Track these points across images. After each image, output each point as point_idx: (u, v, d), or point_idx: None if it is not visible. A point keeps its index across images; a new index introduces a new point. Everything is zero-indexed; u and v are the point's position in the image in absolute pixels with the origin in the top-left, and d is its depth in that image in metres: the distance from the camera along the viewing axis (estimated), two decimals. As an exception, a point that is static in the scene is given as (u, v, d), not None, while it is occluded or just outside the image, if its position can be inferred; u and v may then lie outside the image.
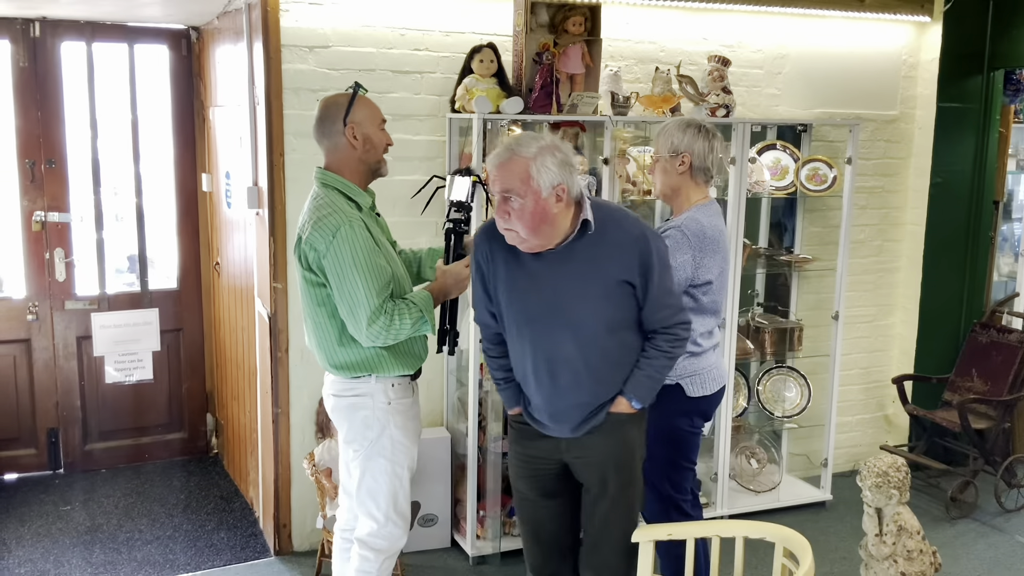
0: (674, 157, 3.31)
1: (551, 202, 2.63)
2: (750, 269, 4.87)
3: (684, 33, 4.65)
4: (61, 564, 4.12)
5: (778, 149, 4.77)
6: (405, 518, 3.16)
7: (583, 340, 2.77)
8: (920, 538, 3.21)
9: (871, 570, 3.28)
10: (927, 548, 3.23)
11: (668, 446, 3.36)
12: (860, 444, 5.45)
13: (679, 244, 3.23)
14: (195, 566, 4.15)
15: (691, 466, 3.43)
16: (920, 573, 3.16)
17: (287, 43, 3.94)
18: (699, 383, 3.32)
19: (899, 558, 3.18)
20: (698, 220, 3.29)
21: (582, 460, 2.91)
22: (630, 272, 2.74)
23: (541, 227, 2.65)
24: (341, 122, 2.90)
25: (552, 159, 2.62)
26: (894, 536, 3.15)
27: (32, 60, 4.79)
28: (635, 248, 2.74)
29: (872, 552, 3.25)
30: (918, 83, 5.18)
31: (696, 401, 3.34)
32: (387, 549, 3.15)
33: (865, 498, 3.33)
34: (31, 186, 4.88)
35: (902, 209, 5.31)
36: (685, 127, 3.31)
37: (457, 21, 4.21)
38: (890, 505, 3.20)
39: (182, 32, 5.07)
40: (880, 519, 3.24)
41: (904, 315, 5.38)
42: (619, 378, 2.85)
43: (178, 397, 5.40)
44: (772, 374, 4.96)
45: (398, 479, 3.09)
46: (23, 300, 4.97)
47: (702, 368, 3.34)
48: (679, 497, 3.39)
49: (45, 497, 4.84)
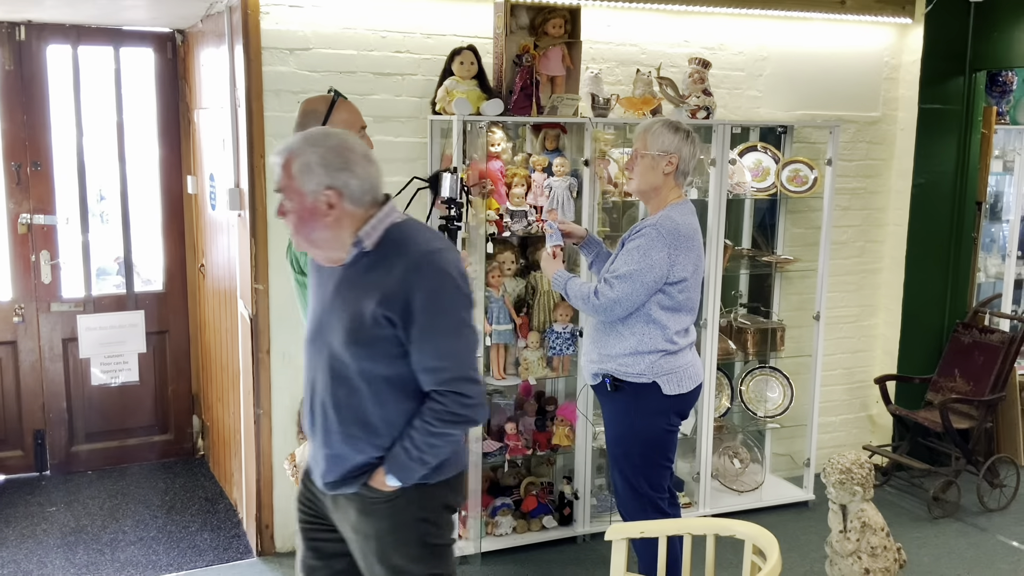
0: (662, 156, 3.34)
1: (320, 208, 2.24)
2: (733, 270, 4.90)
3: (665, 36, 4.67)
4: (44, 565, 4.14)
5: (759, 151, 4.80)
6: None
7: (334, 379, 2.34)
8: (884, 535, 3.23)
9: (835, 566, 3.29)
10: (891, 544, 3.25)
11: (645, 445, 3.38)
12: (844, 444, 5.47)
13: (653, 242, 3.28)
14: (177, 567, 4.16)
15: (668, 464, 3.46)
16: (884, 569, 3.18)
17: (267, 45, 3.96)
18: (675, 381, 3.35)
19: (863, 554, 3.20)
20: (672, 218, 3.33)
21: (344, 533, 2.49)
22: (391, 307, 2.24)
23: (312, 235, 2.28)
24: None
25: (317, 158, 2.22)
26: (858, 532, 3.17)
27: (18, 63, 4.81)
28: (404, 277, 2.24)
29: (836, 548, 3.26)
30: (900, 84, 5.21)
31: (672, 399, 3.36)
32: None
33: (829, 495, 3.36)
34: (17, 188, 4.90)
35: (884, 210, 5.33)
36: (675, 129, 3.34)
37: (438, 23, 4.23)
38: (854, 502, 3.22)
39: (167, 35, 5.10)
40: (844, 516, 3.26)
41: (887, 315, 5.40)
42: (378, 442, 2.34)
43: (164, 399, 5.42)
44: (755, 374, 4.98)
45: None
46: (9, 302, 4.98)
47: (678, 366, 3.36)
48: (656, 496, 3.41)
49: (31, 499, 4.85)
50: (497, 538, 4.31)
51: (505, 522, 4.35)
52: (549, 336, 4.30)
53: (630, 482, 3.42)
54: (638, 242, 3.32)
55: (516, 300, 4.31)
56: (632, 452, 3.41)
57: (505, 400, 4.49)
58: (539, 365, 4.30)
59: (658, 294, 3.31)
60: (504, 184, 4.20)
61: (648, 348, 3.33)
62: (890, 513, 4.82)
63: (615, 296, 3.29)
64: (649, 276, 3.27)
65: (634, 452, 3.40)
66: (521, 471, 4.63)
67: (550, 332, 4.29)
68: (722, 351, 4.71)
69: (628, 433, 3.40)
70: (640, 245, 3.31)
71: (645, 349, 3.33)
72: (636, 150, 3.43)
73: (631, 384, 3.36)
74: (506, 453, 4.30)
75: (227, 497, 4.92)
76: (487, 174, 4.12)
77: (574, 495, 4.43)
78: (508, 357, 4.32)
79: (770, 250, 5.02)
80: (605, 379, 3.44)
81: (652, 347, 3.33)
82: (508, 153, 4.26)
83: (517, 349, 4.32)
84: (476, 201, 4.06)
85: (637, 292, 3.28)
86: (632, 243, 3.35)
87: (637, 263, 3.28)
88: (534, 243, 4.36)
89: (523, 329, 4.28)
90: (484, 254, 4.12)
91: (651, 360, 3.33)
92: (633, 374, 3.35)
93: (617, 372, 3.39)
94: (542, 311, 4.31)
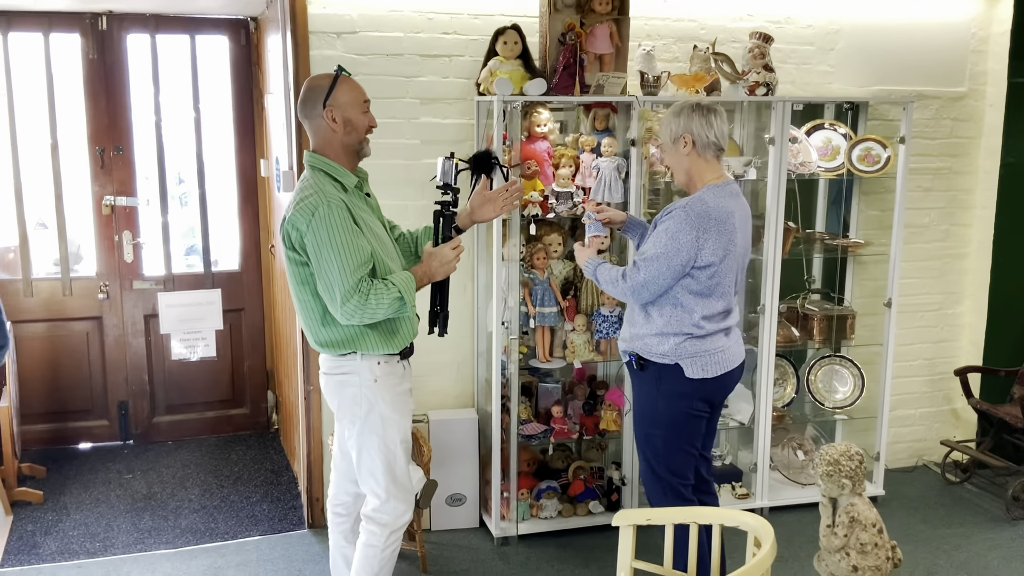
0: (676, 142, 3.31)
1: None
2: (805, 253, 4.70)
3: (726, 10, 4.51)
4: (111, 528, 4.37)
5: (828, 129, 4.58)
6: (406, 490, 3.20)
7: None
8: (876, 531, 3.03)
9: (823, 562, 3.12)
10: (884, 542, 3.04)
11: (667, 427, 3.32)
12: (924, 439, 5.19)
13: (682, 224, 3.20)
14: (232, 535, 4.32)
15: (691, 451, 3.35)
16: (874, 567, 2.98)
17: (315, 30, 4.04)
18: (699, 365, 3.25)
19: (851, 550, 3.01)
20: (704, 200, 3.23)
21: None
22: None
23: None
24: (321, 105, 2.94)
25: None
26: (846, 528, 2.99)
27: (100, 52, 5.06)
28: None
29: (823, 543, 3.09)
30: (988, 57, 4.87)
31: (696, 383, 3.26)
32: (391, 523, 3.19)
33: (818, 487, 3.19)
34: (100, 172, 5.17)
35: (971, 192, 5.01)
36: (679, 111, 3.29)
37: (485, 3, 4.21)
38: (843, 495, 3.04)
39: (241, 22, 5.26)
40: (835, 510, 3.09)
41: (973, 303, 5.08)
42: None
43: (240, 374, 5.63)
44: (824, 363, 4.77)
45: (392, 454, 3.13)
46: (95, 280, 5.27)
47: (704, 351, 3.26)
48: (677, 481, 3.33)
49: (111, 466, 5.13)
50: (540, 521, 4.29)
51: (550, 505, 4.32)
52: (596, 319, 4.24)
53: (651, 465, 3.37)
54: (667, 224, 3.25)
55: (564, 283, 4.26)
56: (654, 434, 3.34)
57: (554, 383, 4.46)
58: (586, 348, 4.25)
59: (685, 278, 3.22)
60: (551, 165, 4.15)
61: (674, 330, 3.26)
62: (967, 512, 4.58)
63: (642, 279, 3.24)
64: (676, 259, 3.18)
65: (656, 434, 3.34)
66: (572, 455, 4.59)
67: (597, 315, 4.23)
68: (784, 338, 4.54)
69: (650, 412, 3.35)
70: (669, 227, 3.23)
71: (671, 331, 3.26)
72: (659, 145, 3.36)
73: (655, 364, 3.31)
74: (551, 436, 4.27)
75: (291, 470, 5.07)
76: (531, 154, 4.09)
77: (621, 481, 4.36)
78: (555, 340, 4.28)
79: (841, 233, 4.79)
80: (632, 357, 3.40)
81: (678, 330, 3.25)
82: (556, 133, 4.21)
83: (564, 332, 4.28)
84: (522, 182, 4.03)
85: (663, 275, 3.21)
86: (662, 225, 3.28)
87: (664, 245, 3.21)
88: (583, 225, 4.29)
89: (570, 312, 4.24)
90: (527, 235, 4.09)
91: (676, 342, 3.25)
92: (657, 354, 3.29)
93: (643, 351, 3.34)
94: (590, 294, 4.25)
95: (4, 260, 5.20)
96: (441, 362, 4.43)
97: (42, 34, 4.97)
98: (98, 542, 4.22)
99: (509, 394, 4.15)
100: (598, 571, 4.03)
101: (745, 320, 4.50)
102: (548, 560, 4.10)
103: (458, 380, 4.49)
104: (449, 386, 4.49)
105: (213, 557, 4.11)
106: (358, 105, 2.99)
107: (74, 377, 5.33)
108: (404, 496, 3.19)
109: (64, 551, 4.13)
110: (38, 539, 4.23)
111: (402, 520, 3.21)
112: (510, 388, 4.14)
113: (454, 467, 4.32)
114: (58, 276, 5.23)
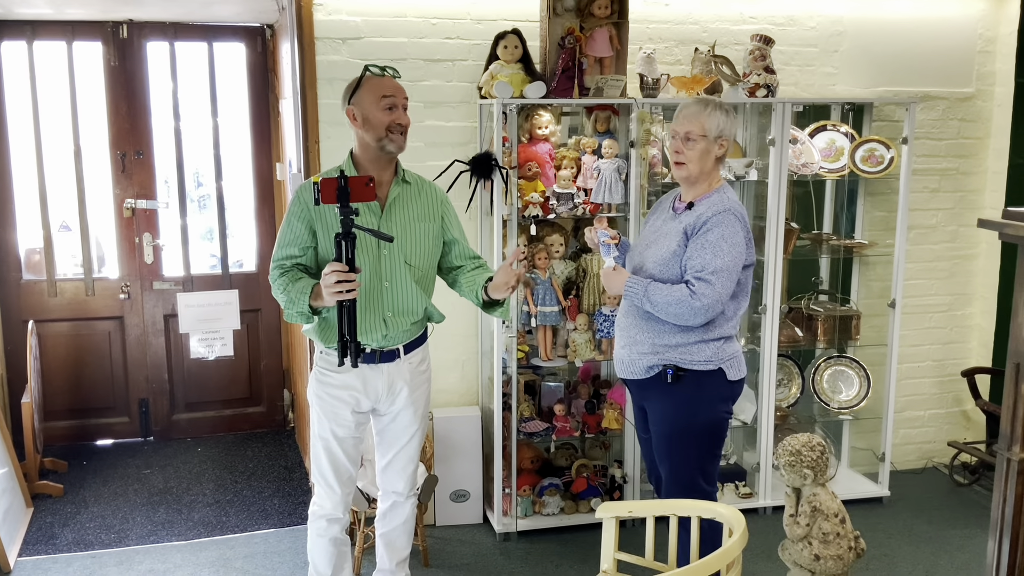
0: (717, 140, 3.19)
1: None
2: (810, 253, 4.73)
3: (728, 13, 4.55)
4: (126, 521, 4.50)
5: (831, 130, 4.60)
6: (331, 485, 3.22)
7: None
8: (838, 521, 3.05)
9: (786, 551, 3.14)
10: (846, 532, 3.06)
11: (703, 435, 3.21)
12: (933, 440, 5.18)
13: (735, 229, 3.12)
14: (242, 528, 4.43)
15: (720, 455, 3.32)
16: (836, 557, 2.99)
17: (320, 36, 4.14)
18: (736, 366, 3.23)
19: (814, 540, 3.03)
20: (737, 202, 3.20)
21: None
22: None
23: None
24: (347, 103, 3.06)
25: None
26: (808, 517, 3.01)
27: (121, 59, 5.22)
28: None
29: (786, 532, 3.11)
30: (996, 58, 4.86)
31: (734, 386, 3.24)
32: (315, 512, 3.29)
33: (782, 478, 3.21)
34: (122, 175, 5.33)
35: (980, 192, 5.00)
36: (726, 111, 3.18)
37: (488, 8, 4.29)
38: (806, 485, 3.06)
39: (257, 29, 5.39)
40: (798, 500, 3.11)
41: (983, 305, 5.06)
42: None
43: (257, 373, 5.75)
44: (829, 364, 4.79)
45: (318, 446, 3.22)
46: (116, 280, 5.43)
47: (736, 352, 3.25)
48: (711, 490, 3.25)
49: (131, 461, 5.28)
50: (543, 517, 4.36)
51: (553, 502, 4.39)
52: (597, 319, 4.29)
53: (681, 478, 3.23)
54: (720, 231, 3.10)
55: (566, 282, 4.33)
56: (688, 444, 3.21)
57: (556, 381, 4.52)
58: (587, 347, 4.31)
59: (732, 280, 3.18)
60: (552, 167, 4.22)
61: (715, 335, 3.17)
62: (973, 514, 4.57)
63: (717, 294, 3.07)
64: (738, 265, 3.12)
65: (690, 444, 3.21)
66: (576, 453, 4.65)
67: (599, 315, 4.29)
68: (787, 338, 4.57)
69: (687, 425, 3.20)
70: (724, 235, 3.09)
71: (711, 336, 3.17)
72: (688, 132, 3.17)
73: (695, 372, 3.18)
74: (552, 434, 4.33)
75: (304, 467, 5.18)
76: (533, 156, 4.16)
77: (623, 479, 4.41)
78: (556, 339, 4.35)
79: (845, 234, 4.80)
80: (667, 370, 3.21)
81: (718, 334, 3.17)
82: (557, 135, 4.28)
83: (566, 331, 4.34)
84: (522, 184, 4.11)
85: (730, 285, 3.11)
86: (714, 234, 3.10)
87: (728, 254, 3.08)
88: (584, 225, 4.35)
89: (572, 311, 4.30)
90: (528, 236, 4.16)
91: (717, 347, 3.17)
92: (700, 361, 3.17)
93: (681, 361, 3.18)
94: (591, 294, 4.31)
95: (30, 261, 5.38)
96: (447, 360, 4.51)
97: (65, 43, 5.14)
98: (113, 534, 4.36)
99: (511, 392, 4.22)
100: (597, 567, 4.06)
101: (748, 321, 4.54)
102: (549, 556, 4.16)
103: (463, 378, 4.57)
104: (454, 384, 4.57)
105: (222, 549, 4.22)
106: (377, 102, 2.99)
107: (96, 375, 5.49)
108: (329, 489, 3.24)
109: (80, 542, 4.26)
110: (56, 530, 4.38)
111: (324, 511, 3.26)
112: (511, 387, 4.21)
113: (458, 463, 4.40)
114: (81, 277, 5.39)
